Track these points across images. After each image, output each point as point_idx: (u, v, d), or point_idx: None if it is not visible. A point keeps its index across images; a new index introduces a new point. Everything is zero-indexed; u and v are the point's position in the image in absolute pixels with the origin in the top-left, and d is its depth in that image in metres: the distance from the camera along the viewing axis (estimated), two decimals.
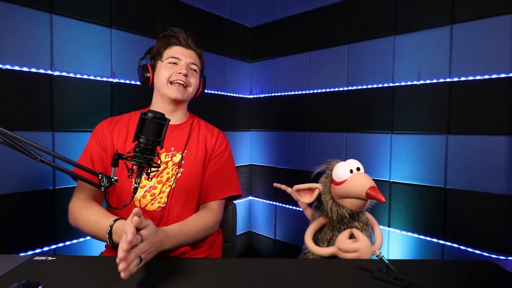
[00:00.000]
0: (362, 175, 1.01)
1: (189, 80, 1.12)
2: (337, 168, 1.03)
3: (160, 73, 1.11)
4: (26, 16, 1.32)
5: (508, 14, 1.40)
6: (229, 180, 1.17)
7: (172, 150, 1.11)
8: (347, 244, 0.99)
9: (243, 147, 2.41)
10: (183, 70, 1.10)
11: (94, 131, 1.12)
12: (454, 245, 1.56)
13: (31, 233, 1.37)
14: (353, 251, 0.98)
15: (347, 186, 0.99)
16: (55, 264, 0.84)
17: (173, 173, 1.07)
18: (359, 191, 0.97)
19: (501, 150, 1.43)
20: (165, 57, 1.12)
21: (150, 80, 1.14)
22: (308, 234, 1.09)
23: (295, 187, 1.11)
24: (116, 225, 0.88)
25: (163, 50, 1.13)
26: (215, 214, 1.10)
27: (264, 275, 0.81)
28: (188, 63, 1.12)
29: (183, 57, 1.12)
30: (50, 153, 0.81)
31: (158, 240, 0.82)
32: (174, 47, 1.13)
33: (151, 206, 1.06)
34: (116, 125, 1.12)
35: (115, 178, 0.83)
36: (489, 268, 0.87)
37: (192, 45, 1.14)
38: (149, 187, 1.06)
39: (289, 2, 2.20)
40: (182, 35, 1.13)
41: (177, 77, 1.10)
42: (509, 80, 1.41)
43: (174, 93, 1.10)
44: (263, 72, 2.37)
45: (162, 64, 1.12)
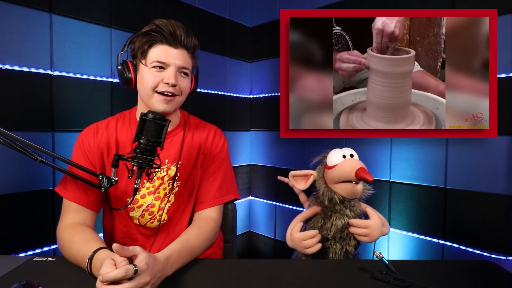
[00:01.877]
0: (354, 160, 1.05)
1: (178, 88, 0.95)
2: (331, 154, 1.08)
3: (143, 79, 0.93)
4: (26, 16, 1.32)
5: (508, 14, 1.41)
6: (227, 183, 1.08)
7: (166, 163, 1.00)
8: (358, 219, 1.04)
9: (243, 147, 2.41)
10: (171, 79, 0.91)
11: (79, 143, 0.99)
12: (454, 245, 1.56)
13: (31, 233, 1.37)
14: (364, 227, 1.02)
15: (338, 169, 1.03)
16: (55, 265, 0.84)
17: (169, 188, 1.01)
18: (348, 172, 1.00)
19: (501, 150, 1.43)
20: (149, 60, 0.93)
21: (132, 82, 0.96)
22: (297, 218, 1.11)
23: (291, 173, 1.14)
24: (97, 256, 0.76)
25: (147, 50, 0.93)
26: (215, 224, 1.02)
27: (264, 275, 0.81)
28: (177, 68, 0.94)
29: (172, 60, 0.92)
30: (50, 154, 0.81)
31: (159, 268, 0.73)
32: (160, 47, 0.92)
33: (151, 224, 1.01)
34: (103, 137, 0.99)
35: (115, 179, 0.83)
36: (489, 268, 0.87)
37: (182, 42, 0.94)
38: (146, 206, 0.99)
39: (289, 2, 2.20)
40: (169, 29, 0.92)
41: (164, 88, 0.92)
42: (509, 80, 1.41)
43: (161, 105, 0.93)
44: (263, 72, 2.37)
45: (146, 68, 0.93)
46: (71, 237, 0.86)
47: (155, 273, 0.71)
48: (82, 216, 0.94)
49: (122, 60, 0.96)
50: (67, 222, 0.92)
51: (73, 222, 0.92)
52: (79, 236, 0.86)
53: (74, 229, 0.89)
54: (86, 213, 0.94)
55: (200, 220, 1.02)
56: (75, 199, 0.93)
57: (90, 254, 0.76)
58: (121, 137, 1.00)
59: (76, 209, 0.93)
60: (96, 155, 0.97)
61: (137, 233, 1.03)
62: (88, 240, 0.84)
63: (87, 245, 0.80)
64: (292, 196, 1.14)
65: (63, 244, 0.87)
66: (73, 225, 0.91)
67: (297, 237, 1.02)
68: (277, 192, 2.30)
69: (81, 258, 0.79)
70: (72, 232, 0.88)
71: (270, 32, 2.30)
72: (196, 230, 0.96)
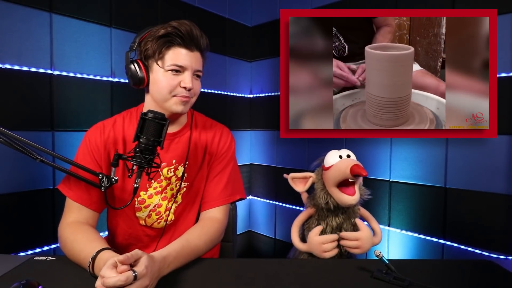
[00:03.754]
0: (349, 159, 1.06)
1: (193, 91, 0.95)
2: (328, 155, 1.09)
3: (158, 82, 0.92)
4: (26, 15, 1.32)
5: (508, 14, 1.41)
6: (233, 183, 1.07)
7: (173, 163, 1.00)
8: (349, 232, 1.05)
9: (243, 146, 2.41)
10: (188, 84, 0.91)
11: (85, 142, 0.97)
12: (454, 244, 1.56)
13: (31, 233, 1.37)
14: (355, 239, 1.03)
15: (333, 169, 1.04)
16: (55, 264, 0.84)
17: (177, 188, 1.00)
18: (343, 170, 1.00)
19: (501, 150, 1.43)
20: (166, 63, 0.91)
21: (145, 82, 0.93)
22: (296, 224, 1.14)
23: (291, 175, 1.15)
24: (100, 256, 0.76)
25: (164, 51, 0.91)
26: (220, 225, 1.00)
27: (264, 275, 0.81)
28: (193, 71, 0.93)
29: (189, 64, 0.92)
30: (50, 153, 0.81)
31: (156, 269, 0.72)
32: (177, 49, 0.91)
33: (157, 225, 1.01)
34: (110, 135, 0.98)
35: (115, 178, 0.83)
36: (489, 268, 0.87)
37: (199, 44, 0.93)
38: (153, 206, 0.99)
39: (289, 1, 2.20)
40: (187, 30, 0.90)
41: (181, 92, 0.92)
42: (509, 79, 1.41)
43: (179, 107, 0.93)
44: (263, 71, 2.37)
45: (161, 71, 0.91)
46: (73, 236, 0.86)
47: (153, 274, 0.71)
48: (84, 215, 0.93)
49: (131, 59, 0.94)
50: (69, 220, 0.91)
51: (76, 221, 0.91)
52: (82, 235, 0.86)
53: (77, 228, 0.89)
54: (88, 212, 0.94)
55: (204, 220, 1.00)
56: (78, 199, 0.92)
57: (94, 254, 0.76)
58: (128, 135, 0.99)
59: (79, 208, 0.93)
60: (102, 154, 0.96)
61: (142, 234, 1.02)
62: (91, 240, 0.83)
63: (90, 245, 0.80)
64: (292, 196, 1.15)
65: (65, 242, 0.87)
66: (76, 223, 0.90)
67: (316, 240, 1.03)
68: (277, 192, 2.30)
69: (84, 257, 0.78)
70: (75, 231, 0.88)
71: (270, 31, 2.30)
72: (199, 230, 0.95)
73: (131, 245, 1.03)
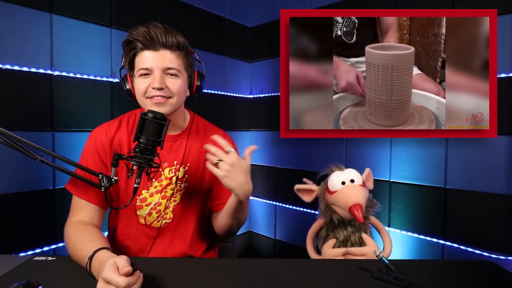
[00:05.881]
0: (352, 189, 1.01)
1: (168, 90, 0.93)
2: (332, 177, 1.05)
3: (136, 87, 0.95)
4: (26, 16, 1.32)
5: (508, 14, 1.41)
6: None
7: (175, 164, 1.03)
8: (355, 248, 1.02)
9: (243, 147, 2.40)
10: (156, 83, 0.91)
11: (91, 141, 0.99)
12: (454, 245, 1.56)
13: (31, 233, 1.37)
14: (361, 255, 0.99)
15: (335, 197, 1.01)
16: (55, 264, 0.84)
17: (177, 188, 1.03)
18: (343, 205, 0.99)
19: (501, 150, 1.43)
20: (136, 69, 0.94)
21: (132, 94, 0.98)
22: (309, 236, 1.13)
23: (296, 187, 1.13)
24: (97, 256, 0.76)
25: (132, 60, 0.96)
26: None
27: (264, 275, 0.81)
28: (162, 70, 0.92)
29: (153, 64, 0.92)
30: (50, 153, 0.81)
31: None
32: (142, 53, 0.93)
33: (157, 223, 1.02)
34: (116, 135, 1.00)
35: (115, 178, 0.83)
36: (489, 268, 0.87)
37: (161, 42, 0.92)
38: (154, 204, 1.01)
39: (289, 2, 2.20)
40: (144, 33, 0.90)
41: (152, 92, 0.92)
42: (509, 80, 1.41)
43: (154, 109, 0.91)
44: (263, 72, 2.37)
45: (135, 78, 0.95)
46: (76, 235, 0.87)
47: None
48: (90, 214, 0.94)
49: (123, 74, 1.00)
50: (75, 220, 0.93)
51: (80, 220, 0.92)
52: (84, 234, 0.87)
53: (80, 227, 0.90)
54: (95, 211, 0.95)
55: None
56: (85, 196, 0.94)
57: (91, 253, 0.76)
58: (133, 136, 1.00)
59: (85, 207, 0.94)
60: (108, 153, 0.98)
61: (140, 234, 1.03)
62: (92, 239, 0.84)
63: (90, 244, 0.80)
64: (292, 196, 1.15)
65: (68, 241, 0.88)
66: (80, 223, 0.92)
67: (329, 253, 1.03)
68: (277, 192, 2.30)
69: (83, 256, 0.79)
70: (78, 230, 0.89)
71: (270, 32, 2.30)
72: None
73: (127, 247, 1.03)
